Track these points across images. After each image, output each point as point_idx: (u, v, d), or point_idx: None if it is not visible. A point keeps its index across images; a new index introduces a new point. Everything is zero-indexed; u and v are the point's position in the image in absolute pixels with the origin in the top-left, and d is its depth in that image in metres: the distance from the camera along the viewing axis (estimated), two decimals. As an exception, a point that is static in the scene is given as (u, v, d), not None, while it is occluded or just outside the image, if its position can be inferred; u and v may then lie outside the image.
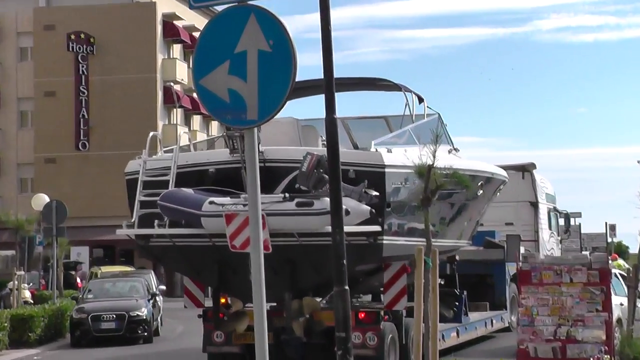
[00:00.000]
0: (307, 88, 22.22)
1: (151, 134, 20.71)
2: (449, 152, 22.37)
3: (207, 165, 18.91)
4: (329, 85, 8.66)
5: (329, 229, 14.79)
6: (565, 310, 15.74)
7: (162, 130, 61.76)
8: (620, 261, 41.86)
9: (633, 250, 34.93)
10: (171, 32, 63.33)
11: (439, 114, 23.07)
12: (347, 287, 9.48)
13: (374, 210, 17.39)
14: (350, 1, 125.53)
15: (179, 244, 18.90)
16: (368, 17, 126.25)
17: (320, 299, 19.67)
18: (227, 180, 18.17)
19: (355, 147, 20.05)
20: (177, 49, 64.79)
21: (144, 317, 28.88)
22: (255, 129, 7.29)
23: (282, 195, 17.29)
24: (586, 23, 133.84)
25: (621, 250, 77.30)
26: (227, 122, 7.34)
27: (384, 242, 18.02)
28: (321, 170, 17.03)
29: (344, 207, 14.35)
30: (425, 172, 14.11)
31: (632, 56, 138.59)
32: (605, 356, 15.17)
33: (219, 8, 7.30)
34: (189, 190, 18.24)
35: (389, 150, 19.17)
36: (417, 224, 19.34)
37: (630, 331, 21.22)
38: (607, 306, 15.82)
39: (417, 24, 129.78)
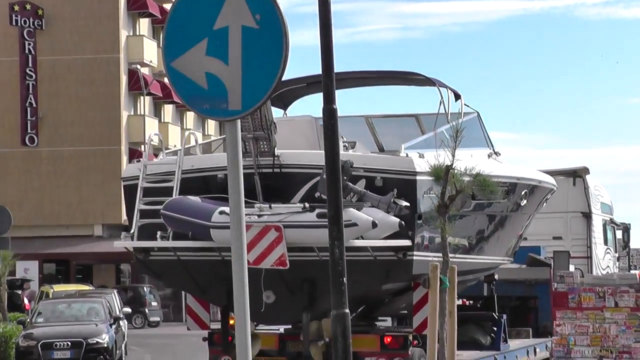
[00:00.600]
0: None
1: (151, 134, 21.30)
2: (489, 156, 23.19)
3: (216, 170, 19.31)
4: (327, 69, 8.67)
5: (355, 243, 17.21)
6: (608, 340, 15.81)
7: (126, 121, 61.90)
8: None
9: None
10: (137, 3, 63.22)
11: (478, 112, 23.80)
12: (347, 311, 9.46)
13: (403, 223, 17.73)
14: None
15: (183, 259, 19.40)
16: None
17: None
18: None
19: (382, 149, 21.61)
20: (144, 25, 64.80)
21: (105, 345, 28.92)
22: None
23: (302, 205, 17.88)
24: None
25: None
26: (204, 112, 7.26)
27: (414, 258, 18.32)
28: (345, 178, 17.29)
29: (370, 219, 17.09)
30: (443, 174, 14.19)
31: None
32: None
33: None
34: (195, 199, 18.78)
35: (421, 155, 19.45)
36: (452, 238, 19.57)
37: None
38: (659, 335, 15.88)
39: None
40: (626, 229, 33.08)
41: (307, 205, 17.74)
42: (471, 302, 27.10)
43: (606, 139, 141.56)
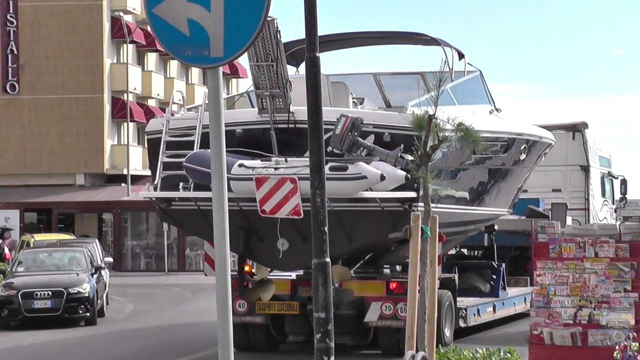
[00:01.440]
0: (336, 41, 24.81)
1: (175, 91, 22.56)
2: (490, 112, 24.69)
3: (235, 125, 20.33)
4: (310, 18, 8.69)
5: (364, 194, 19.06)
6: (588, 289, 15.89)
7: (109, 69, 61.64)
8: None
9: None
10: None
11: (480, 71, 25.09)
12: (328, 260, 9.56)
13: (409, 176, 18.58)
14: None
15: (203, 208, 20.02)
16: None
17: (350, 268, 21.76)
18: (256, 141, 20.27)
19: (389, 106, 23.23)
20: (127, -31, 64.35)
21: (87, 295, 28.84)
22: (221, 71, 7.31)
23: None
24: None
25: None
26: (186, 59, 7.28)
27: (419, 209, 18.54)
28: (355, 134, 19.16)
29: (379, 172, 18.80)
30: (425, 124, 14.26)
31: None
32: (634, 344, 15.31)
33: None
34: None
35: (424, 110, 18.94)
36: (456, 191, 22.46)
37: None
38: (637, 285, 15.94)
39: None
40: (624, 181, 33.70)
41: (333, 158, 18.76)
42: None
43: (591, 89, 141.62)
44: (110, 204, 60.51)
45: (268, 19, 19.76)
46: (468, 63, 24.58)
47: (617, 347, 15.10)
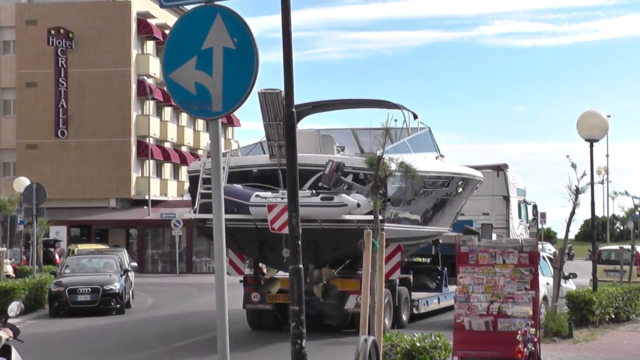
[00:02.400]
0: (325, 105, 25.80)
1: (207, 142, 23.53)
2: (436, 158, 25.80)
3: (252, 167, 21.99)
4: (288, 80, 8.62)
5: (345, 217, 20.20)
6: (497, 288, 15.86)
7: (135, 120, 61.54)
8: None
9: (561, 235, 35.53)
10: (145, 29, 62.72)
11: (429, 128, 26.28)
12: (301, 266, 9.47)
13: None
14: (312, 4, 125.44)
15: (229, 226, 20.25)
16: (328, 19, 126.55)
17: (335, 270, 22.79)
18: (267, 178, 21.62)
19: (362, 152, 23.94)
20: (150, 45, 64.24)
21: (117, 291, 28.81)
22: (220, 123, 7.24)
23: (310, 191, 20.45)
24: (526, 30, 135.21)
25: (550, 236, 78.50)
26: (194, 113, 7.24)
27: (385, 227, 19.86)
28: (339, 174, 20.50)
29: (356, 201, 20.28)
30: (375, 162, 14.25)
31: (566, 61, 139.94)
32: (532, 329, 15.32)
33: (189, 7, 7.24)
34: (238, 186, 21.23)
35: (388, 158, 20.40)
36: (409, 214, 23.52)
37: (554, 307, 21.52)
38: (534, 285, 15.94)
39: (373, 26, 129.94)
40: (534, 206, 35.06)
41: (314, 191, 20.42)
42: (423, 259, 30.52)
43: (500, 137, 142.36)
44: (135, 222, 60.41)
45: (275, 91, 21.13)
46: (420, 122, 25.58)
47: (519, 332, 15.12)
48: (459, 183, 26.35)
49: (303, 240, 17.88)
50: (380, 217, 19.53)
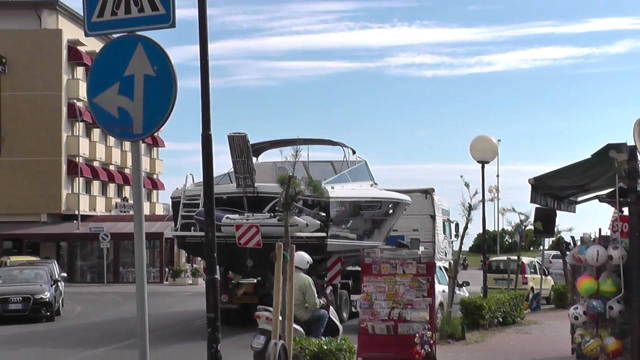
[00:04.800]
0: (281, 142, 26.65)
1: (187, 174, 25.68)
2: (371, 185, 28.00)
3: (223, 194, 23.17)
4: (205, 105, 8.56)
5: (296, 234, 21.54)
6: (398, 296, 15.99)
7: (65, 140, 60.73)
8: None
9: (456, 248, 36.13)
10: (75, 56, 61.88)
11: (365, 161, 28.58)
12: (217, 276, 9.39)
13: (322, 224, 23.02)
14: (232, 35, 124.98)
15: (204, 241, 21.51)
16: (247, 49, 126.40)
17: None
18: (235, 203, 23.39)
19: (310, 181, 25.10)
20: (80, 71, 63.37)
21: (47, 300, 28.36)
22: (142, 144, 7.17)
23: (270, 214, 22.48)
24: (427, 61, 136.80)
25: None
26: (116, 135, 7.13)
27: (328, 242, 23.52)
28: (294, 200, 20.98)
29: (305, 221, 22.49)
30: (286, 181, 14.26)
31: (462, 90, 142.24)
32: (428, 332, 15.46)
33: (115, 36, 7.16)
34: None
35: (332, 187, 24.27)
36: (348, 232, 25.60)
37: (449, 312, 21.77)
38: (431, 293, 16.10)
39: (288, 56, 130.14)
40: (457, 224, 35.78)
41: (272, 214, 22.28)
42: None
43: (404, 159, 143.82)
44: (65, 235, 59.59)
45: (241, 134, 22.84)
46: (358, 156, 28.25)
47: (417, 335, 15.27)
48: (390, 206, 28.26)
49: (263, 252, 19.05)
50: (324, 234, 23.26)
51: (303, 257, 16.52)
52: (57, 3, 61.70)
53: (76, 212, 59.62)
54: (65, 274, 38.30)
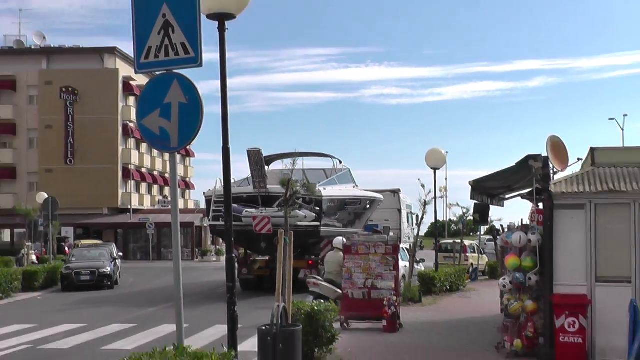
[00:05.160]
0: (284, 155, 27.02)
1: (217, 179, 25.81)
2: (353, 187, 28.26)
3: (243, 194, 23.63)
4: (224, 125, 8.49)
5: (298, 223, 22.52)
6: (371, 270, 15.94)
7: (121, 152, 60.67)
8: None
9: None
10: (128, 88, 61.68)
11: (349, 169, 29.01)
12: (234, 255, 9.25)
13: (316, 216, 23.57)
14: (245, 73, 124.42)
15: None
16: (256, 83, 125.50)
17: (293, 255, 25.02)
18: (252, 200, 23.58)
19: (307, 184, 25.45)
20: (131, 100, 63.20)
21: (108, 273, 28.30)
22: (177, 155, 7.12)
23: (277, 208, 22.52)
24: (392, 93, 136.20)
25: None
26: (158, 148, 7.07)
27: (321, 229, 23.99)
28: (297, 198, 22.62)
29: (303, 214, 23.21)
30: (286, 182, 14.29)
31: (419, 114, 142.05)
32: (394, 297, 15.41)
33: (157, 73, 7.11)
34: (235, 205, 22.61)
35: (324, 189, 24.75)
36: (336, 222, 25.83)
37: (409, 282, 21.74)
38: (396, 267, 16.04)
39: (288, 88, 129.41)
40: (417, 216, 35.37)
41: (279, 208, 22.15)
42: None
43: (375, 165, 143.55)
44: (121, 224, 59.39)
45: (256, 149, 22.97)
46: (343, 165, 28.66)
47: (385, 299, 15.21)
48: (367, 202, 28.43)
49: (273, 237, 19.60)
50: (318, 224, 23.75)
51: (340, 241, 17.19)
52: (115, 49, 61.57)
53: (129, 207, 59.61)
54: (121, 254, 38.28)
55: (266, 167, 25.25)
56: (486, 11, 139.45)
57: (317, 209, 23.92)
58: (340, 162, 28.58)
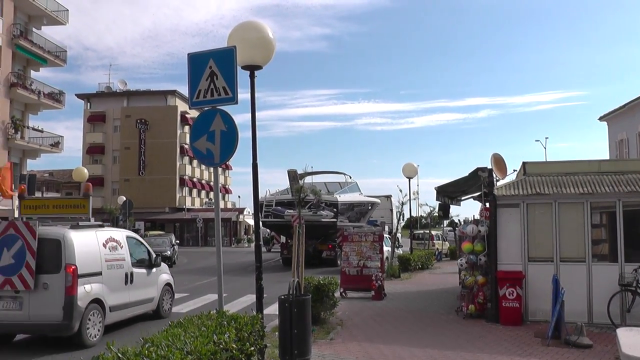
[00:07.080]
0: (313, 173, 27.33)
1: (267, 190, 26.76)
2: (359, 194, 28.62)
3: (285, 199, 24.37)
4: (254, 146, 8.37)
5: (322, 220, 23.66)
6: (362, 253, 15.86)
7: (178, 166, 60.78)
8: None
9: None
10: (184, 119, 61.61)
11: (356, 182, 29.29)
12: (261, 243, 9.01)
13: (334, 215, 24.44)
14: (269, 107, 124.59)
15: (276, 224, 24.69)
16: (277, 115, 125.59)
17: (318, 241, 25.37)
18: (291, 204, 24.02)
19: (328, 193, 26.91)
20: (186, 128, 63.12)
21: (169, 255, 28.31)
22: (219, 168, 7.11)
23: (308, 210, 23.20)
24: (378, 122, 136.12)
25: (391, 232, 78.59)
26: (205, 163, 7.07)
27: (338, 223, 24.42)
28: (321, 202, 24.27)
29: (325, 213, 24.11)
30: (299, 189, 14.22)
31: (397, 138, 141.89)
32: (380, 274, 15.32)
33: (205, 108, 7.12)
34: (279, 207, 24.50)
35: (340, 196, 25.67)
36: (347, 219, 25.96)
37: (391, 262, 21.61)
38: (381, 251, 15.93)
39: (301, 119, 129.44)
40: (402, 214, 35.73)
41: (309, 210, 23.20)
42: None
43: (363, 175, 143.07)
44: (178, 220, 59.20)
45: (293, 169, 23.63)
46: (352, 179, 28.99)
47: (373, 275, 15.14)
48: (369, 205, 28.94)
49: (307, 230, 20.76)
50: (335, 220, 24.38)
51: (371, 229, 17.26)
52: (175, 91, 61.65)
53: (184, 207, 59.73)
54: (178, 241, 38.11)
55: (300, 181, 25.77)
56: (448, 63, 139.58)
57: (335, 210, 24.78)
58: (350, 177, 29.31)
